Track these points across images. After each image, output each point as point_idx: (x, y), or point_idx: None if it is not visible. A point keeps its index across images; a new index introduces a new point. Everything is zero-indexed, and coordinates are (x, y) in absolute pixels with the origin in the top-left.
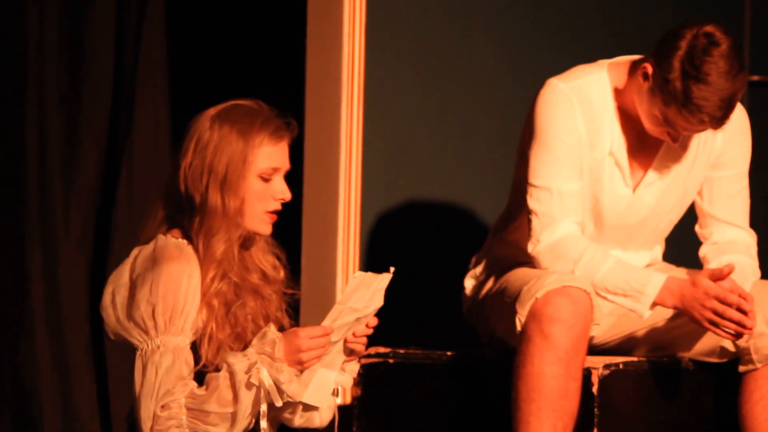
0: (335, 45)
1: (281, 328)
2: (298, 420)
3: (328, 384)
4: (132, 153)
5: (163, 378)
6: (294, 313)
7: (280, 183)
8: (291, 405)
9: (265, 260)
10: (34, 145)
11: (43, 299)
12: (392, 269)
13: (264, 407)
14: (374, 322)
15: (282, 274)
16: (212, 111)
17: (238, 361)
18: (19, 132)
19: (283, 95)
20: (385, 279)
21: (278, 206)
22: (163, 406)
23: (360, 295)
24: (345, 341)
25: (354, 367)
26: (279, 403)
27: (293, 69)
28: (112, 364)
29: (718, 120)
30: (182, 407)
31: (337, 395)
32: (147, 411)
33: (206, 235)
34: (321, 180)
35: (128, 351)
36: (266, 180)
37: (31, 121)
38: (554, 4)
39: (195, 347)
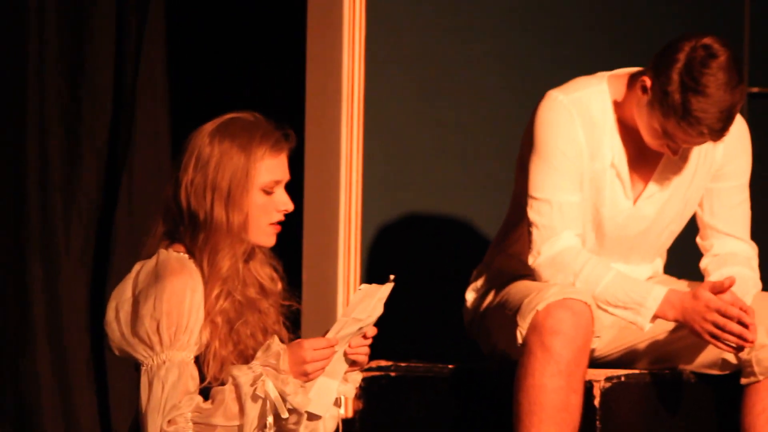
0: (335, 56)
1: (280, 341)
2: (303, 431)
3: (330, 392)
4: (132, 167)
5: (170, 393)
6: (294, 326)
7: (282, 195)
8: (296, 416)
9: (263, 273)
10: (34, 160)
11: (44, 313)
12: (392, 277)
13: (270, 419)
14: (373, 332)
15: (279, 286)
16: (210, 126)
17: (243, 374)
18: (20, 146)
19: (283, 107)
20: (386, 289)
21: (281, 217)
22: (169, 421)
23: (363, 306)
24: (345, 353)
25: (357, 377)
26: (285, 415)
27: (293, 80)
28: (113, 378)
29: (718, 132)
30: (189, 422)
31: (340, 406)
32: (154, 426)
33: (211, 252)
34: (322, 192)
35: (129, 365)
36: (269, 193)
37: (31, 135)
38: (554, 16)
39: (199, 365)
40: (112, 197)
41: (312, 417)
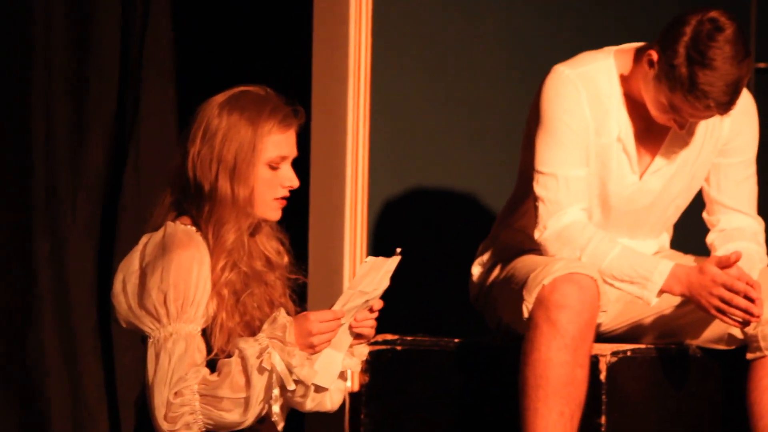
0: (342, 33)
1: (286, 313)
2: (310, 404)
3: (335, 364)
4: (139, 139)
5: (176, 365)
6: (300, 299)
7: (288, 170)
8: (303, 388)
9: (270, 246)
10: (40, 132)
11: (51, 286)
12: (399, 250)
13: (276, 392)
14: (379, 305)
15: (286, 259)
16: (220, 98)
17: (250, 346)
18: (26, 118)
19: (290, 83)
20: (393, 262)
21: (286, 193)
22: (176, 393)
23: (370, 278)
24: (350, 325)
25: (363, 350)
26: (291, 387)
27: (300, 57)
28: (120, 351)
29: (724, 105)
30: (195, 394)
31: (346, 379)
32: (161, 398)
33: (216, 224)
34: (328, 167)
35: (136, 338)
36: (274, 168)
37: (37, 108)
38: None
39: (206, 337)
40: (119, 171)
41: (318, 389)
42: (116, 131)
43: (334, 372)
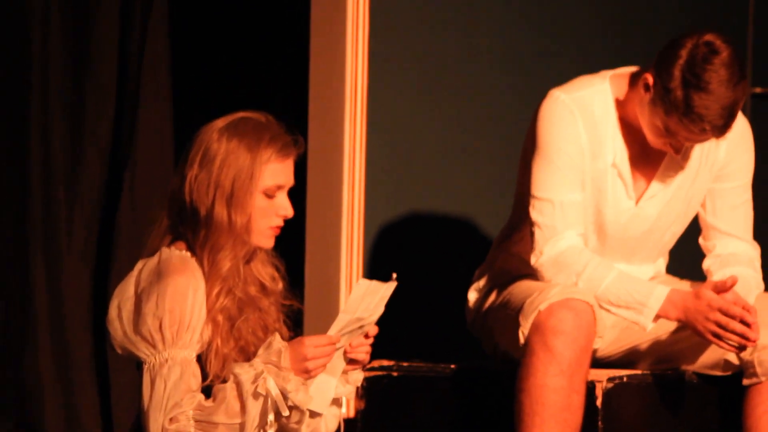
0: (338, 54)
1: (281, 338)
2: (305, 430)
3: (329, 390)
4: (135, 164)
5: (172, 391)
6: (296, 325)
7: (283, 200)
8: (298, 414)
9: (264, 272)
10: (37, 156)
11: (47, 311)
12: (395, 275)
13: (271, 417)
14: (374, 331)
15: (280, 285)
16: (220, 123)
17: (245, 372)
18: (23, 142)
19: (286, 108)
20: (389, 287)
21: (281, 222)
22: (171, 419)
23: (365, 303)
24: (344, 350)
25: (358, 377)
26: (286, 413)
27: (296, 78)
28: (115, 375)
29: (720, 128)
30: (190, 419)
31: (340, 406)
32: (156, 424)
33: (212, 250)
34: (324, 191)
35: (131, 363)
36: (270, 197)
37: (34, 132)
38: (558, 14)
39: (201, 363)
40: (115, 195)
41: (312, 414)
42: (112, 155)
43: (327, 397)
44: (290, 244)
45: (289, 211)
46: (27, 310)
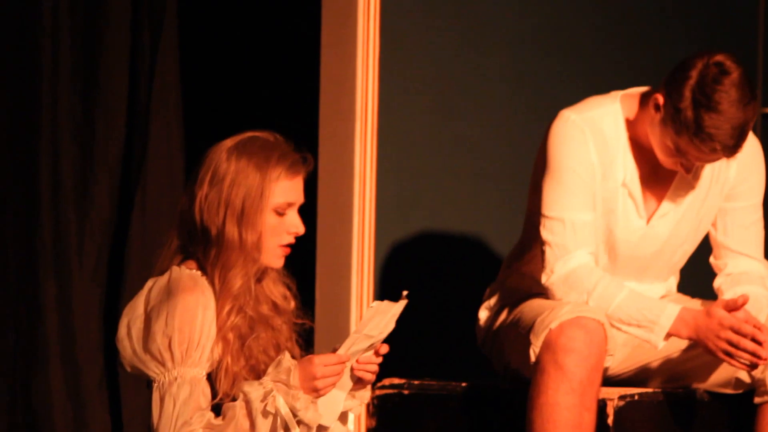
0: (349, 78)
1: (292, 358)
2: None
3: (337, 404)
4: (146, 183)
5: (181, 409)
6: (307, 344)
7: (294, 217)
8: (306, 431)
9: (276, 291)
10: (47, 176)
11: (57, 331)
12: (405, 293)
13: None
14: (385, 349)
15: (293, 304)
16: (229, 142)
17: (254, 390)
18: (33, 162)
19: (297, 127)
20: (400, 306)
21: (292, 240)
22: None
23: (375, 322)
24: (351, 368)
25: (365, 395)
26: (295, 431)
27: (307, 97)
28: (126, 396)
29: (730, 149)
30: None
31: (346, 422)
32: None
33: (223, 268)
34: (335, 210)
35: (142, 383)
36: (281, 214)
37: (44, 152)
38: (568, 34)
39: (211, 381)
40: (126, 215)
41: (319, 429)
42: (123, 175)
43: (335, 411)
44: (301, 262)
45: (300, 229)
46: (37, 330)
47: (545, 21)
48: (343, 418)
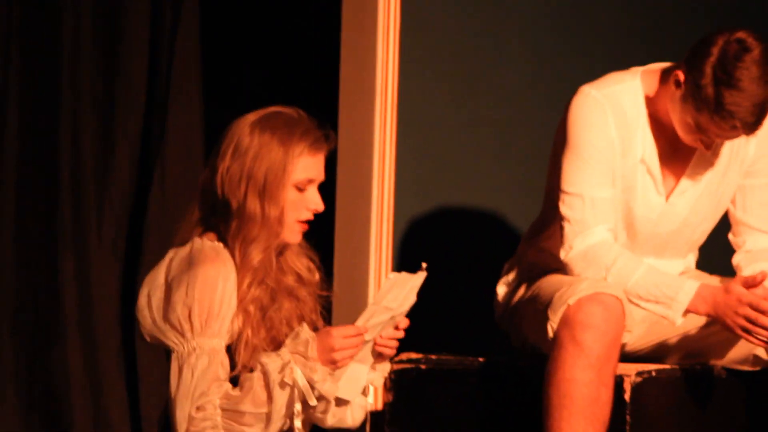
0: (369, 54)
1: (315, 330)
2: (331, 419)
3: (360, 378)
4: (165, 156)
5: (199, 380)
6: (327, 316)
7: (314, 194)
8: (324, 404)
9: (300, 263)
10: (67, 149)
11: (76, 303)
12: (424, 266)
13: (298, 407)
14: (405, 323)
15: (317, 276)
16: (252, 116)
17: (272, 361)
18: (53, 136)
19: (317, 103)
20: (419, 278)
21: (310, 216)
22: (198, 408)
23: (394, 294)
24: (374, 343)
25: (385, 367)
26: (313, 402)
27: (327, 77)
28: (143, 368)
29: (751, 125)
30: (217, 408)
31: (367, 394)
32: (182, 412)
33: (243, 241)
34: (354, 186)
35: (160, 356)
36: (301, 190)
37: (64, 125)
38: (586, 12)
39: (230, 353)
40: (145, 189)
41: (340, 402)
42: (142, 148)
43: (358, 386)
44: (320, 239)
45: (319, 206)
46: (56, 305)
47: (564, 0)
48: (363, 390)
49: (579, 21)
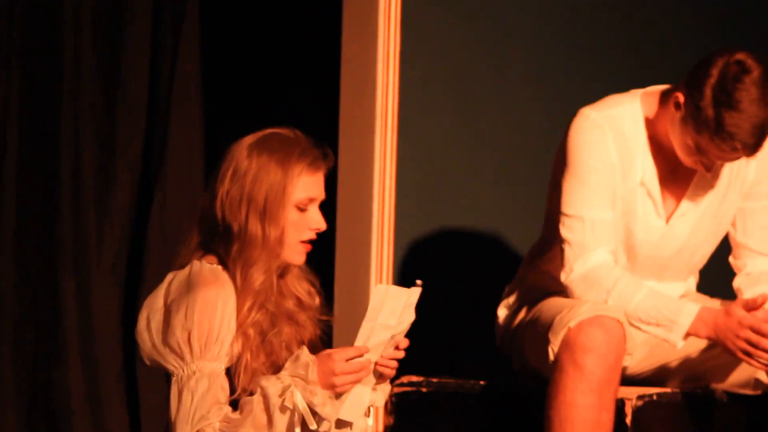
0: (369, 74)
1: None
2: None
3: (363, 399)
4: (165, 180)
5: (199, 403)
6: (327, 340)
7: (315, 213)
8: (325, 425)
9: (300, 287)
10: (68, 172)
11: (76, 326)
12: (419, 282)
13: (298, 430)
14: (405, 343)
15: (317, 300)
16: (250, 139)
17: (272, 385)
18: (54, 159)
19: (317, 124)
20: (414, 293)
21: (313, 236)
22: (198, 431)
23: (390, 311)
24: (375, 364)
25: (386, 388)
26: (313, 426)
27: (327, 96)
28: (144, 392)
29: (751, 147)
30: (217, 431)
31: (368, 415)
32: None
33: (244, 264)
34: (354, 207)
35: (161, 379)
36: (302, 210)
37: (65, 148)
38: (588, 34)
39: (230, 376)
40: (145, 212)
41: (341, 424)
42: (143, 173)
43: (361, 407)
44: (320, 258)
45: (321, 225)
46: (57, 327)
47: (566, 19)
48: (365, 411)
49: (581, 42)
